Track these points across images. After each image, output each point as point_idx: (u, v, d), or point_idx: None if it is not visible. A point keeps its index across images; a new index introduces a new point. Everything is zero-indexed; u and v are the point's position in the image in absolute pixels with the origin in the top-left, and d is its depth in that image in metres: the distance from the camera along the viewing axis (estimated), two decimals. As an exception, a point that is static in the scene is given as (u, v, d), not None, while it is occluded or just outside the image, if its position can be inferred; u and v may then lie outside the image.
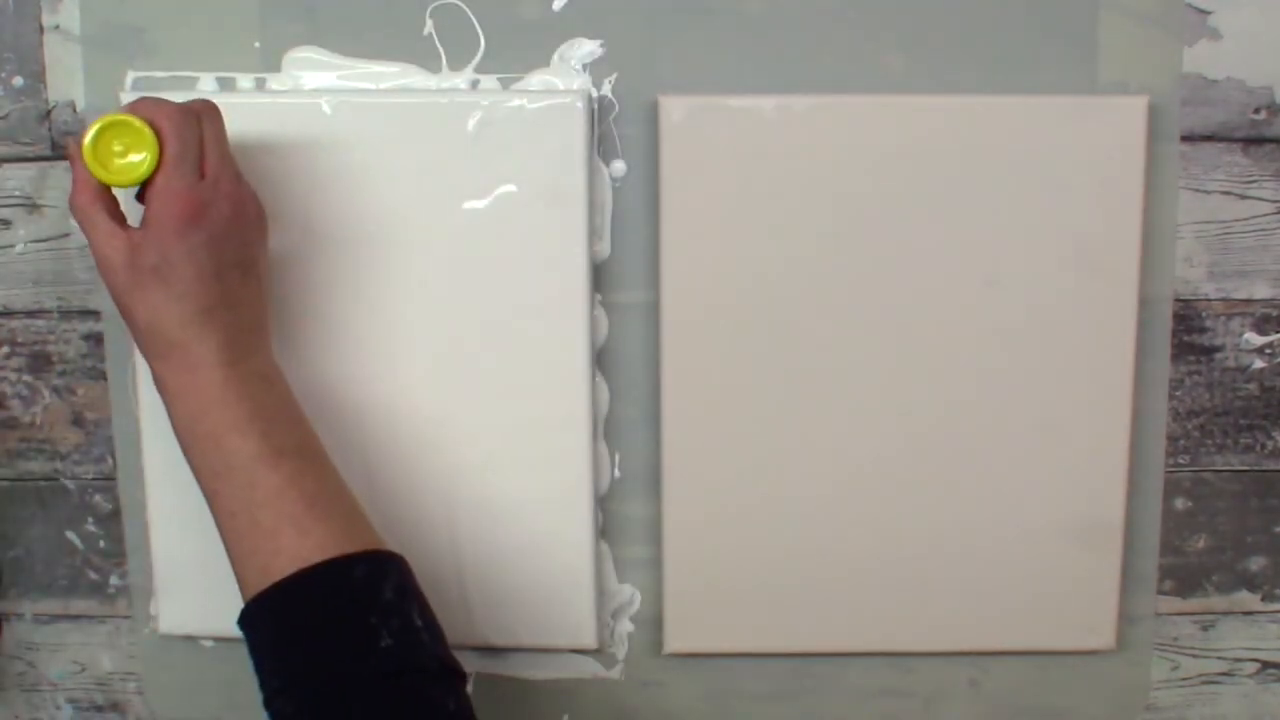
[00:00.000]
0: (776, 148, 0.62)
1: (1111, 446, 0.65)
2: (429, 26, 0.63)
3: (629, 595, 0.68)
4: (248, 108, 0.62)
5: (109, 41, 0.64)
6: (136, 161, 0.53)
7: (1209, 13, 0.62)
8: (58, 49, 0.64)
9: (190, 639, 0.69)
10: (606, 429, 0.66)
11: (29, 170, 0.66)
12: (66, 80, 0.65)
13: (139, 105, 0.53)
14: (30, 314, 0.68)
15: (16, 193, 0.66)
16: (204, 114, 0.55)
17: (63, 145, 0.65)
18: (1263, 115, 0.64)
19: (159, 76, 0.64)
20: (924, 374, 0.64)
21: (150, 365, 0.55)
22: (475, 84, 0.63)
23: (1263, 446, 0.67)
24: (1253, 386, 0.67)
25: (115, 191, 0.54)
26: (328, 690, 0.50)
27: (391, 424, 0.64)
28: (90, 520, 0.70)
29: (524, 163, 0.62)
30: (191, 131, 0.53)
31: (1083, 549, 0.66)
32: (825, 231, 0.63)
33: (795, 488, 0.65)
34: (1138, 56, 0.62)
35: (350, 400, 0.64)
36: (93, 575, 0.70)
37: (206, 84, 0.64)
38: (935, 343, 0.64)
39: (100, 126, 0.52)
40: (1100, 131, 0.62)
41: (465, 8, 0.63)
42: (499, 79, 0.63)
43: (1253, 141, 0.64)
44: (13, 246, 0.67)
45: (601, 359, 0.65)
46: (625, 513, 0.67)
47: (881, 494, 0.65)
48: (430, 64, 0.63)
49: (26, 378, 0.68)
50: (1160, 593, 0.68)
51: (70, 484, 0.69)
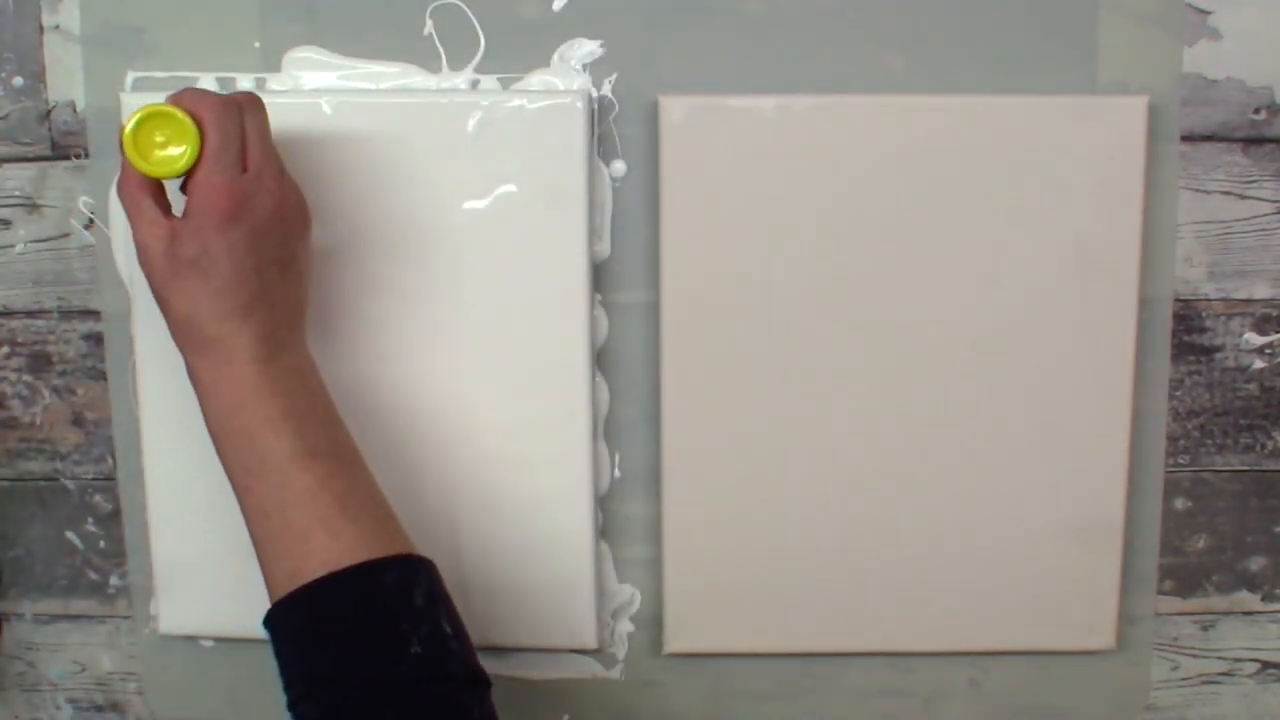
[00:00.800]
0: (776, 148, 0.62)
1: (1111, 446, 0.65)
2: (429, 26, 0.63)
3: (629, 595, 0.68)
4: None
5: (109, 41, 0.64)
6: (175, 155, 0.52)
7: (1209, 13, 0.62)
8: (58, 49, 0.64)
9: (190, 639, 0.69)
10: (606, 429, 0.66)
11: (29, 170, 0.66)
12: (66, 80, 0.65)
13: (182, 96, 0.53)
14: (30, 314, 0.68)
15: (16, 193, 0.66)
16: (247, 106, 0.54)
17: (65, 145, 0.65)
18: (1263, 115, 0.64)
19: (159, 76, 0.64)
20: (924, 374, 0.64)
21: (185, 358, 0.54)
22: (475, 84, 0.63)
23: (1263, 446, 0.67)
24: (1253, 386, 0.67)
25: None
26: (356, 696, 0.49)
27: (391, 423, 0.64)
28: (90, 520, 0.70)
29: (524, 163, 0.62)
30: (233, 124, 0.53)
31: (1083, 549, 0.66)
32: (825, 231, 0.63)
33: (795, 488, 0.65)
34: (1138, 56, 0.62)
35: (349, 400, 0.63)
36: (93, 575, 0.70)
37: (206, 84, 0.64)
38: (935, 343, 0.64)
39: (142, 116, 0.52)
40: (1100, 131, 0.62)
41: (465, 8, 0.63)
42: (499, 79, 0.63)
43: (1253, 141, 0.64)
44: (13, 246, 0.67)
45: (601, 359, 0.65)
46: (625, 513, 0.67)
47: (881, 494, 0.65)
48: (430, 64, 0.63)
49: (26, 378, 0.68)
50: (1160, 593, 0.68)
51: (70, 484, 0.69)
